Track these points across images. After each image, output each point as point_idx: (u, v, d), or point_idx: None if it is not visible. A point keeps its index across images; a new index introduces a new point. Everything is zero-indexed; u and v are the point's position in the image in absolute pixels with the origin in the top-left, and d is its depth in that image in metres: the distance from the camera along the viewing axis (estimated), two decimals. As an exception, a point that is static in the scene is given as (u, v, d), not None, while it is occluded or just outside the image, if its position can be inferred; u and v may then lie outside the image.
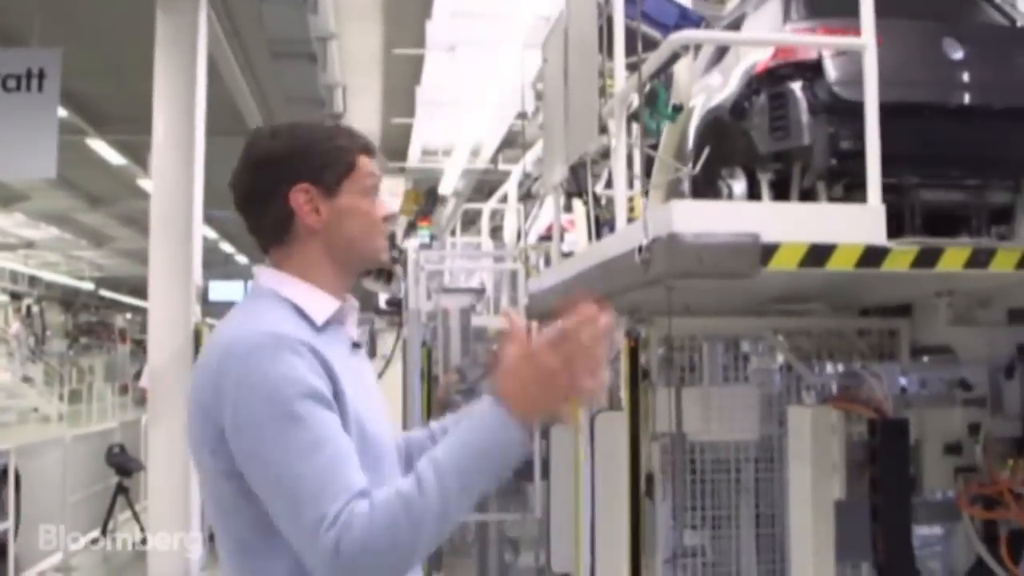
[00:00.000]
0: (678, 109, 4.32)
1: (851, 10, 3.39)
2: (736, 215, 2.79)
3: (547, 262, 6.19)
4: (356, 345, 2.12)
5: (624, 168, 3.51)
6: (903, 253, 2.86)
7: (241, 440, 1.83)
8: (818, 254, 2.80)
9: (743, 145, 3.95)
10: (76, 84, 13.59)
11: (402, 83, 12.48)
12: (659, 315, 4.42)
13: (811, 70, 3.77)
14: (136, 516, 9.92)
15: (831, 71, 3.75)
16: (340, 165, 2.05)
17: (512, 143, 15.32)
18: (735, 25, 4.59)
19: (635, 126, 4.05)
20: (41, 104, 8.80)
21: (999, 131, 3.87)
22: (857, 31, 3.36)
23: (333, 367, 1.92)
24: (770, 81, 3.88)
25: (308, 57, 10.05)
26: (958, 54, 3.88)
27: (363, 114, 14.43)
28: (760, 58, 3.95)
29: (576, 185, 4.59)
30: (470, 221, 15.69)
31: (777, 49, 3.90)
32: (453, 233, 13.99)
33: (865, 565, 4.28)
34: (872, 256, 2.84)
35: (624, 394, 4.34)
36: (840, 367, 5.19)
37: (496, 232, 11.91)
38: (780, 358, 5.91)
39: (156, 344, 8.61)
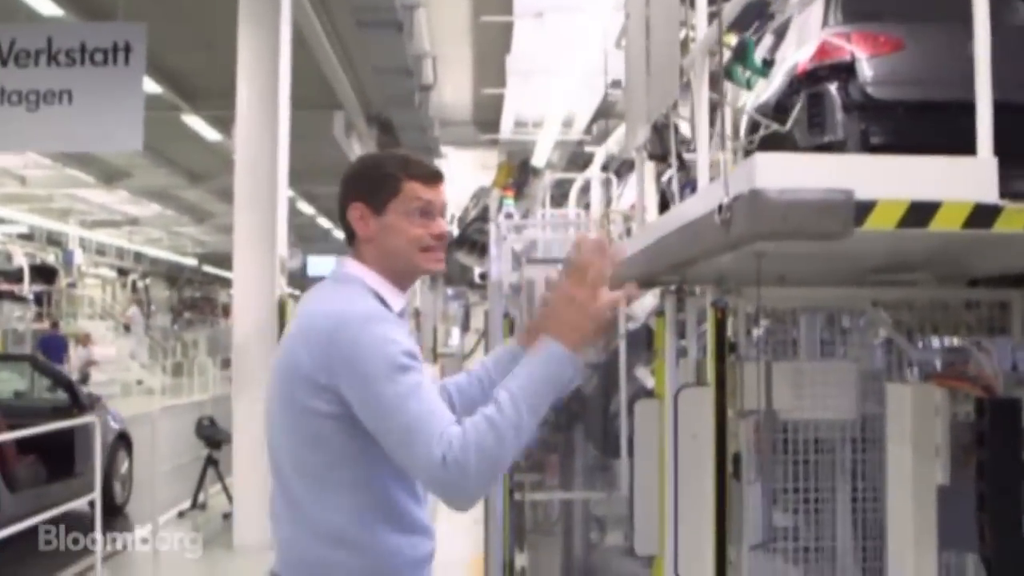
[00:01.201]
0: (768, 64, 4.04)
1: (885, 15, 3.82)
2: (828, 169, 2.49)
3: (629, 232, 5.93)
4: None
5: (706, 123, 3.24)
6: (1019, 212, 2.54)
7: (360, 389, 2.28)
8: (920, 213, 2.49)
9: (785, 140, 4.13)
10: (169, 59, 13.72)
11: (492, 52, 12.27)
12: (748, 285, 4.15)
13: (846, 71, 4.12)
14: (225, 488, 9.94)
15: (864, 72, 4.11)
16: (387, 189, 2.49)
17: (607, 113, 15.05)
18: (782, 29, 4.79)
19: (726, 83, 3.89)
20: (127, 77, 8.83)
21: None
22: (890, 36, 3.83)
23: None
24: (809, 81, 4.17)
25: (395, 26, 9.89)
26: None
27: (454, 84, 14.29)
28: (801, 59, 4.27)
29: (660, 147, 4.32)
30: (563, 194, 15.45)
31: (816, 51, 4.21)
32: (544, 205, 13.76)
33: (970, 556, 3.96)
34: (982, 215, 2.52)
35: (710, 368, 4.07)
36: (946, 342, 4.88)
37: (586, 205, 11.65)
38: (881, 333, 5.58)
39: (241, 316, 8.58)
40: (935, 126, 3.80)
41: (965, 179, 2.56)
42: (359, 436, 2.32)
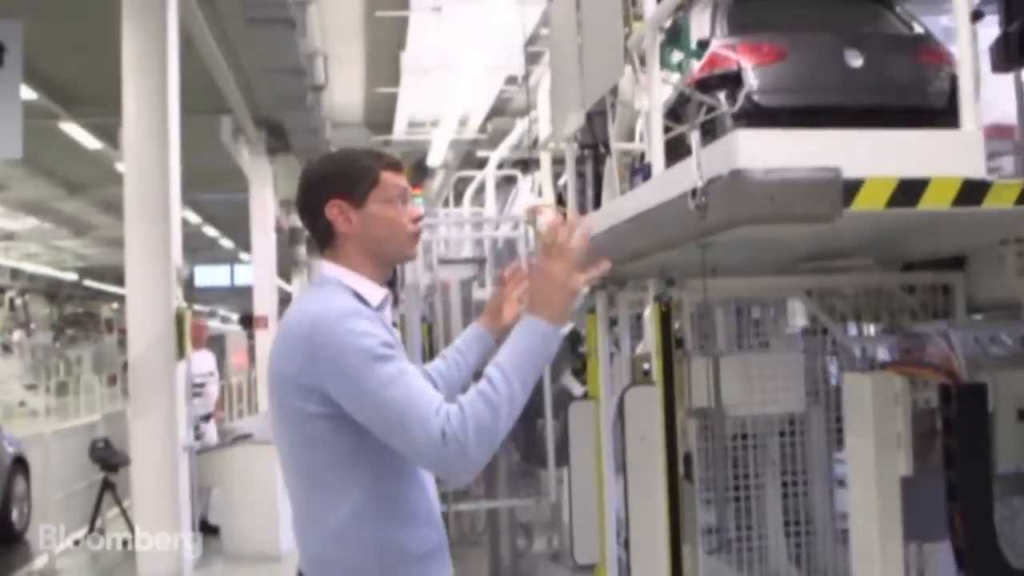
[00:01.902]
0: (704, 45, 3.86)
1: (768, 26, 4.14)
2: (812, 145, 2.30)
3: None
4: (394, 324, 2.79)
5: (660, 103, 3.03)
6: (1007, 188, 2.39)
7: (345, 385, 2.35)
8: (909, 191, 2.31)
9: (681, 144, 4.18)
10: (43, 63, 13.02)
11: (385, 49, 11.94)
12: (692, 277, 3.96)
13: (733, 81, 4.40)
14: (124, 513, 9.43)
15: (751, 81, 4.42)
16: (366, 181, 2.57)
17: (501, 111, 14.82)
18: None
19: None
20: (3, 80, 8.28)
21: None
22: (773, 47, 4.22)
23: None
24: (701, 90, 4.32)
25: (286, 22, 9.49)
26: (857, 62, 4.55)
27: (345, 84, 13.90)
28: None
29: (592, 135, 4.11)
30: (459, 195, 15.22)
31: (705, 61, 4.47)
32: (446, 204, 13.50)
33: (935, 547, 3.84)
34: (971, 192, 2.36)
35: (656, 365, 3.88)
36: (880, 329, 4.79)
37: (481, 204, 11.47)
38: (802, 321, 5.47)
39: (136, 331, 8.11)
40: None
41: (954, 154, 2.38)
42: (352, 433, 2.40)
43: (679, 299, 3.93)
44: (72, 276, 43.98)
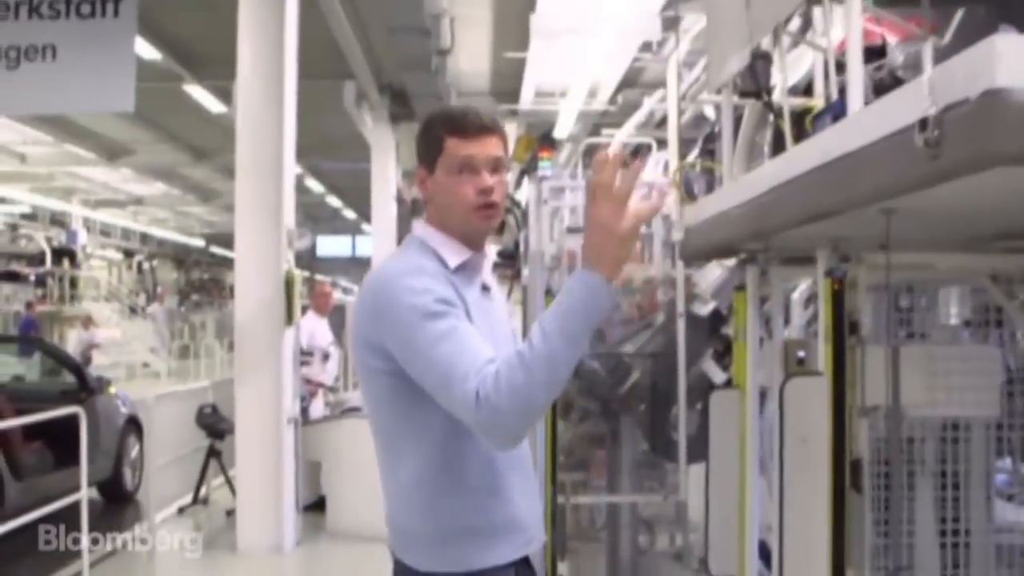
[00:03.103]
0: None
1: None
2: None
3: (709, 187, 5.06)
4: (485, 288, 2.62)
5: (858, 22, 2.42)
6: None
7: (399, 342, 2.33)
8: None
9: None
10: (166, 22, 12.86)
11: (515, 11, 11.39)
12: (870, 250, 3.33)
13: (877, 55, 3.59)
14: (229, 482, 9.15)
15: (896, 56, 3.68)
16: (434, 148, 2.51)
17: (632, 83, 14.17)
18: None
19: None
20: (117, 31, 7.98)
21: None
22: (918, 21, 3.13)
23: (463, 296, 2.43)
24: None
25: (410, -23, 9.04)
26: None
27: (472, 50, 13.40)
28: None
29: (754, 81, 3.49)
30: (588, 164, 14.59)
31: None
32: (574, 176, 12.93)
33: None
34: None
35: (825, 353, 3.25)
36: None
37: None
38: (957, 311, 4.75)
39: (244, 295, 7.76)
40: None
41: None
42: (412, 392, 2.35)
43: (854, 276, 3.29)
44: (199, 242, 44.76)
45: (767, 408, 4.30)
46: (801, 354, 4.12)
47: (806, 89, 3.96)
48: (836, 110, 2.62)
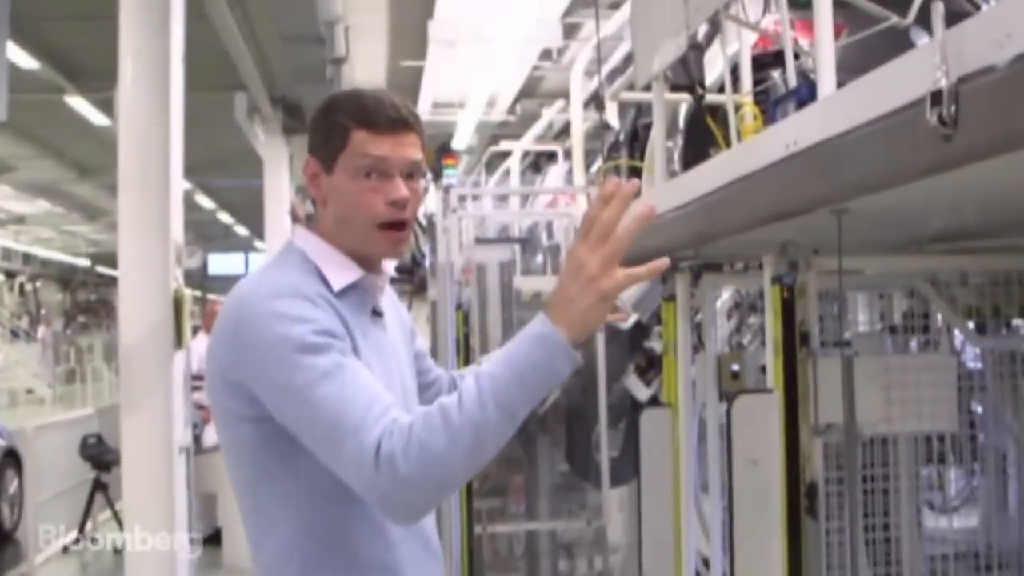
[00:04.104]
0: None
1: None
2: None
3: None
4: (376, 313, 2.12)
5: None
6: None
7: (267, 382, 1.86)
8: None
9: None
10: (46, 31, 12.26)
11: (411, 20, 11.08)
12: (820, 253, 3.07)
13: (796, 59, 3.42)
14: (117, 517, 8.59)
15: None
16: (335, 140, 2.01)
17: (532, 92, 13.98)
18: None
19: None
20: (-13, 35, 7.39)
21: None
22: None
23: (350, 327, 1.95)
24: (754, 68, 3.56)
25: (302, -20, 8.65)
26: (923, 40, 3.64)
27: (368, 59, 13.05)
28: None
29: (687, 74, 3.21)
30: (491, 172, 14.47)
31: (759, 38, 3.67)
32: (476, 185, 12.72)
33: None
34: None
35: (774, 367, 2.98)
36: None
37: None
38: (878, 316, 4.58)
39: (129, 317, 7.21)
40: None
41: None
42: (284, 444, 1.89)
43: (803, 283, 3.03)
44: (85, 262, 43.35)
45: (695, 426, 4.04)
46: (735, 367, 3.88)
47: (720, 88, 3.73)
48: (802, 95, 2.34)
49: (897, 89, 1.64)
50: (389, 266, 2.15)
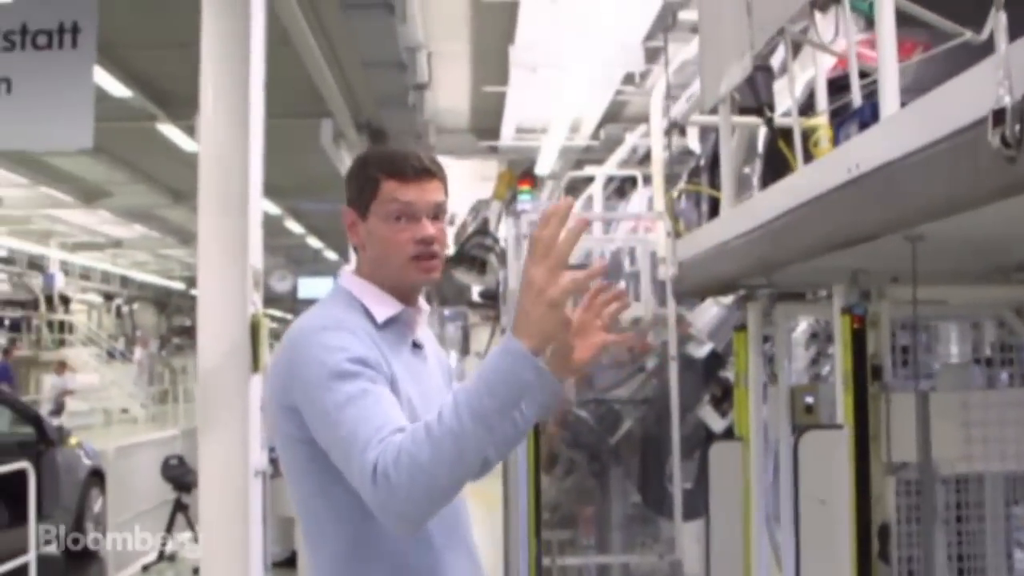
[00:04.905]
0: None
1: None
2: None
3: (710, 207, 4.65)
4: (416, 345, 2.36)
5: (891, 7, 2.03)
6: None
7: (309, 404, 2.10)
8: None
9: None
10: (137, 60, 12.53)
11: (494, 44, 11.07)
12: (892, 282, 2.93)
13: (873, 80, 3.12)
14: (196, 536, 8.67)
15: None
16: (367, 191, 2.29)
17: (616, 117, 13.88)
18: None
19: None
20: (75, 62, 7.54)
21: None
22: (912, 42, 2.90)
23: (388, 357, 2.19)
24: (832, 90, 3.42)
25: (385, 7, 8.68)
26: None
27: (450, 85, 13.09)
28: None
29: (755, 95, 3.10)
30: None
31: (838, 60, 3.47)
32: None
33: None
34: None
35: (845, 402, 2.84)
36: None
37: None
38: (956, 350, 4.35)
39: (208, 341, 7.27)
40: None
41: None
42: (329, 461, 2.10)
43: (876, 313, 2.89)
44: (179, 285, 44.26)
45: (771, 460, 3.90)
46: (809, 400, 3.73)
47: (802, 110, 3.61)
48: (864, 115, 2.22)
49: (958, 108, 1.53)
50: (424, 304, 2.38)
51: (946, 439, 2.85)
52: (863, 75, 3.22)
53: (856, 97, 2.54)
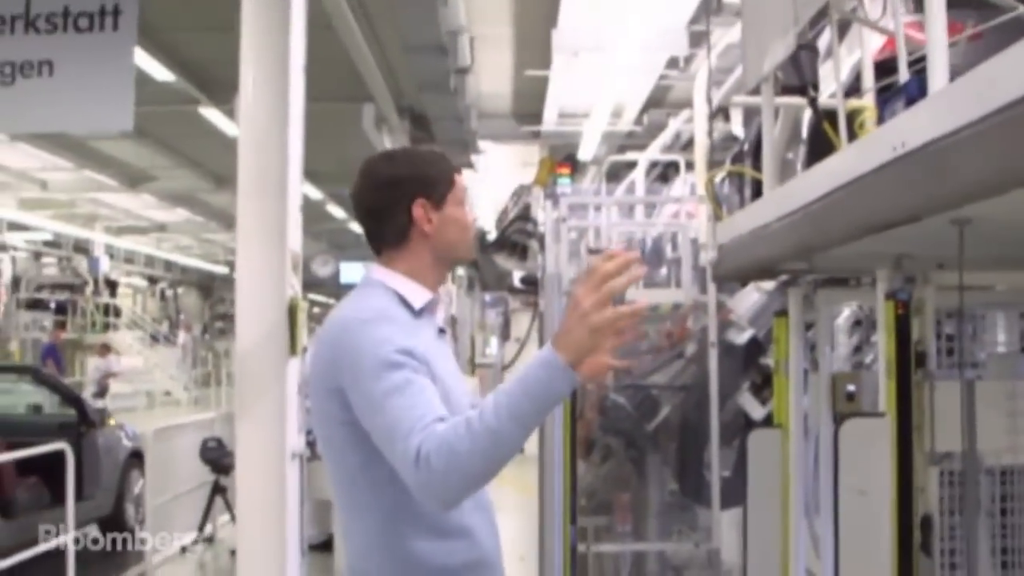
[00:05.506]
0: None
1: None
2: None
3: (753, 191, 4.56)
4: (442, 331, 2.68)
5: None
6: None
7: (356, 390, 2.34)
8: None
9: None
10: (180, 43, 12.56)
11: (536, 29, 10.99)
12: (938, 268, 2.84)
13: (920, 62, 2.95)
14: (234, 518, 8.70)
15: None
16: (445, 182, 2.61)
17: (659, 102, 13.75)
18: None
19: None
20: (116, 45, 7.55)
21: None
22: (960, 24, 2.89)
23: (425, 342, 2.46)
24: (878, 74, 3.32)
25: (426, -10, 8.62)
26: None
27: (491, 69, 13.03)
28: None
29: (799, 74, 3.02)
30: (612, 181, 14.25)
31: (886, 43, 3.39)
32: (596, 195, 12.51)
33: None
34: None
35: (887, 390, 2.76)
36: None
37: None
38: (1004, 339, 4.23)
39: (245, 324, 7.25)
40: None
41: None
42: (370, 441, 2.33)
43: (920, 299, 2.81)
44: (223, 269, 44.56)
45: (812, 449, 3.82)
46: (851, 388, 3.64)
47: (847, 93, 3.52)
48: (911, 91, 2.14)
49: (1010, 80, 1.45)
50: (442, 291, 2.68)
51: (992, 429, 2.77)
52: (910, 57, 3.13)
53: (903, 73, 2.46)
